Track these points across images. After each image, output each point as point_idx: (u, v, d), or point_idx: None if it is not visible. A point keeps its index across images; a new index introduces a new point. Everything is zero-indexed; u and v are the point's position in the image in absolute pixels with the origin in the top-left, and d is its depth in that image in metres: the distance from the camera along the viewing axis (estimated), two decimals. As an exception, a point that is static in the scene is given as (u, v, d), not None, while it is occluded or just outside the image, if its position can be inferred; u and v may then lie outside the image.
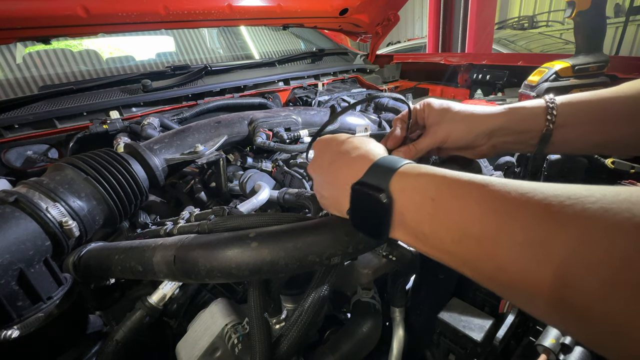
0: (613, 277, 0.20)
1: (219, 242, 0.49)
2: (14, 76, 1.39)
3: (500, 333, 0.54)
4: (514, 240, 0.25)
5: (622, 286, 0.20)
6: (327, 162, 0.46)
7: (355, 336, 0.66)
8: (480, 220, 0.27)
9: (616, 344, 0.21)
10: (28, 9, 1.06)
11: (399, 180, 0.35)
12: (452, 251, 0.30)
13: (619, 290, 0.20)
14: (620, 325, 0.20)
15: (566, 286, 0.22)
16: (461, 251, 0.29)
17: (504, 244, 0.25)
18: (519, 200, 0.26)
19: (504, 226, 0.26)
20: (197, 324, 0.65)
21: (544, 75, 1.17)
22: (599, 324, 0.21)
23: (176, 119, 1.24)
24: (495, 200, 0.27)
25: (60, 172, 0.65)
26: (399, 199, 0.34)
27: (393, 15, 1.86)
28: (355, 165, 0.40)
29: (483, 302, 0.66)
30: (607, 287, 0.20)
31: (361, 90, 1.71)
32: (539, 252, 0.23)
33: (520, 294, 0.26)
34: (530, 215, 0.25)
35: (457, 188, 0.30)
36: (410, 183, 0.34)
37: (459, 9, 3.91)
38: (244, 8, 1.48)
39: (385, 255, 0.72)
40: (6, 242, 0.51)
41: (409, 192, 0.34)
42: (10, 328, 0.50)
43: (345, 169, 0.42)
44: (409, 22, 9.04)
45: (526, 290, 0.25)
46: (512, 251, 0.25)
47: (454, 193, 0.30)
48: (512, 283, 0.25)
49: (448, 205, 0.30)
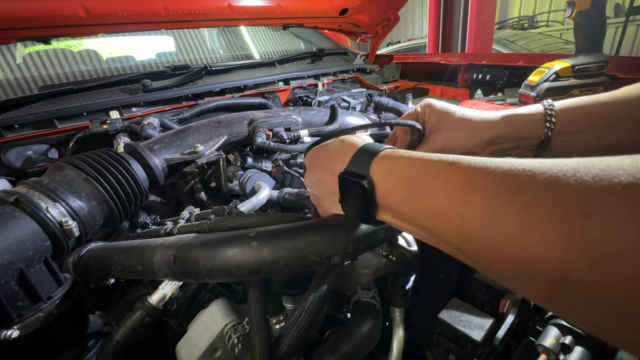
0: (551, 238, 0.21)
1: (219, 241, 0.49)
2: (14, 76, 1.39)
3: (500, 333, 0.54)
4: (478, 212, 0.26)
5: (560, 241, 0.21)
6: (318, 163, 0.48)
7: (355, 336, 0.66)
8: (448, 195, 0.29)
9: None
10: (28, 9, 1.06)
11: (379, 165, 0.37)
12: (428, 227, 0.31)
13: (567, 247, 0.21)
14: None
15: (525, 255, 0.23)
16: (434, 226, 0.30)
17: (468, 215, 0.27)
18: (482, 172, 0.27)
19: (468, 198, 0.27)
20: (197, 324, 0.65)
21: (544, 75, 1.17)
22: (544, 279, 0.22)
23: (176, 119, 1.24)
24: (461, 175, 0.29)
25: (60, 172, 0.65)
26: (380, 182, 0.36)
27: (393, 15, 1.86)
28: (343, 155, 0.42)
29: (483, 302, 0.66)
30: (549, 247, 0.21)
31: (361, 90, 1.71)
32: (499, 221, 0.24)
33: (486, 264, 0.27)
34: (490, 186, 0.26)
35: (428, 167, 0.32)
36: (389, 167, 0.36)
37: (459, 9, 3.91)
38: (244, 8, 1.48)
39: (385, 255, 0.72)
40: (6, 242, 0.51)
41: (389, 176, 0.36)
42: (10, 328, 0.50)
43: (334, 162, 0.44)
44: (409, 22, 9.04)
45: (492, 260, 0.25)
46: (476, 222, 0.26)
47: (425, 172, 0.32)
48: (479, 253, 0.27)
49: (421, 184, 0.32)
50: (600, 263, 0.19)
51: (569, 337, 0.49)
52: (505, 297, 0.61)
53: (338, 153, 0.44)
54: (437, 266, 0.72)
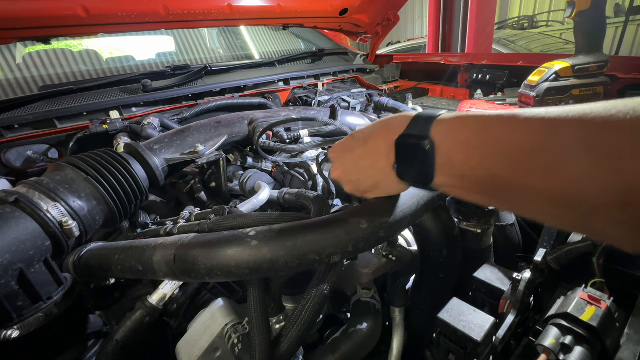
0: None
1: (219, 241, 0.49)
2: (14, 76, 1.39)
3: (500, 333, 0.54)
4: (564, 143, 0.27)
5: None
6: (358, 144, 0.47)
7: (355, 336, 0.66)
8: (531, 135, 0.29)
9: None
10: (28, 9, 1.06)
11: (441, 125, 0.37)
12: (501, 176, 0.31)
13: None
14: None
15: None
16: (512, 172, 0.30)
17: (554, 150, 0.27)
18: (562, 114, 0.28)
19: (554, 133, 0.27)
20: (197, 324, 0.65)
21: (544, 75, 1.17)
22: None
23: (176, 119, 1.24)
24: (539, 117, 0.29)
25: (60, 172, 0.65)
26: (445, 141, 0.36)
27: (393, 15, 1.86)
28: (396, 127, 0.41)
29: (483, 302, 0.66)
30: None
31: (361, 91, 1.71)
32: (585, 153, 0.25)
33: (571, 201, 0.27)
34: (571, 126, 0.27)
35: (501, 117, 0.32)
36: (453, 125, 0.36)
37: (459, 9, 3.90)
38: (244, 8, 1.48)
39: (385, 255, 0.72)
40: (6, 242, 0.51)
41: (453, 133, 0.35)
42: (10, 328, 0.50)
43: (386, 134, 0.43)
44: (409, 22, 9.04)
45: (579, 196, 0.26)
46: (565, 155, 0.26)
47: (499, 122, 0.32)
48: (564, 189, 0.27)
49: (495, 132, 0.32)
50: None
51: (569, 337, 0.49)
52: (505, 297, 0.61)
53: (389, 125, 0.43)
54: (437, 266, 0.72)
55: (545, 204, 0.29)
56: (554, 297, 0.61)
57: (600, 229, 0.27)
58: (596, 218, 0.26)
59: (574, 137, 0.26)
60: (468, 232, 0.78)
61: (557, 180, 0.27)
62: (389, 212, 0.51)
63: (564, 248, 0.70)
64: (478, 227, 0.77)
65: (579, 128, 0.26)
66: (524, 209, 0.32)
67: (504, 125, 0.31)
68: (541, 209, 0.30)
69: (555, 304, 0.56)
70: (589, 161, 0.25)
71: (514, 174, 0.30)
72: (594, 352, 0.48)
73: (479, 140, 0.33)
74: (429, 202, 0.59)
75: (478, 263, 0.69)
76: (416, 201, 0.56)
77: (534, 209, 0.30)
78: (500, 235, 0.90)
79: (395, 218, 0.51)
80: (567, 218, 0.29)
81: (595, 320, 0.50)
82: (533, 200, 0.30)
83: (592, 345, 0.49)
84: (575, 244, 0.70)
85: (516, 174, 0.30)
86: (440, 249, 0.71)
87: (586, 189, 0.25)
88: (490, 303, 0.64)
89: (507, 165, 0.30)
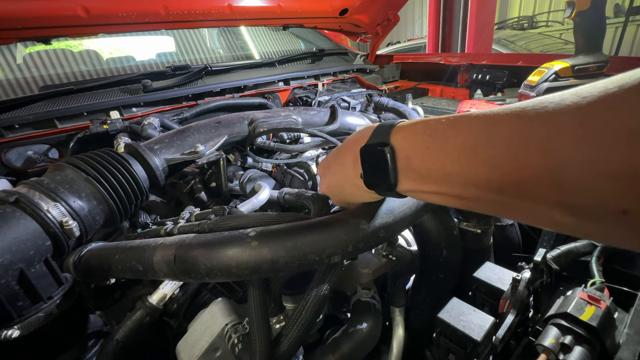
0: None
1: (219, 241, 0.50)
2: (14, 76, 1.39)
3: (500, 333, 0.54)
4: (501, 138, 0.29)
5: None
6: (334, 158, 0.51)
7: (355, 336, 0.66)
8: (473, 134, 0.31)
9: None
10: (28, 9, 1.06)
11: (399, 132, 0.39)
12: (453, 172, 0.33)
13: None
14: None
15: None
16: (461, 167, 0.32)
17: (496, 143, 0.29)
18: (501, 111, 0.31)
19: (493, 130, 0.30)
20: (197, 324, 0.65)
21: (543, 75, 1.17)
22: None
23: (176, 119, 1.24)
24: (482, 115, 0.32)
25: (60, 172, 0.65)
26: (402, 146, 0.38)
27: (393, 15, 1.86)
28: (361, 137, 0.44)
29: (483, 302, 0.66)
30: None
31: (361, 91, 1.71)
32: (526, 140, 0.27)
33: (513, 191, 0.29)
34: (510, 115, 0.29)
35: (449, 120, 0.35)
36: (409, 131, 0.39)
37: (459, 9, 3.91)
38: (244, 8, 1.48)
39: (385, 255, 0.72)
40: (6, 242, 0.51)
41: (410, 138, 0.38)
42: (11, 328, 0.51)
43: (354, 144, 0.45)
44: (409, 22, 9.04)
45: (520, 181, 0.28)
46: (502, 148, 0.29)
47: (447, 125, 0.35)
48: (505, 180, 0.29)
49: (444, 134, 0.34)
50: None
51: (569, 337, 0.49)
52: (505, 297, 0.61)
53: (356, 137, 0.46)
54: (437, 266, 0.72)
55: (495, 195, 0.31)
56: (554, 297, 0.61)
57: (544, 216, 0.28)
58: (539, 206, 0.28)
59: (510, 131, 0.28)
60: (468, 232, 0.78)
61: (498, 172, 0.29)
62: (389, 212, 0.51)
63: (563, 248, 0.70)
64: (478, 227, 0.77)
65: (514, 122, 0.28)
66: (479, 204, 0.33)
67: (451, 126, 0.34)
68: (491, 200, 0.31)
69: (555, 304, 0.56)
70: (524, 152, 0.27)
71: (464, 170, 0.32)
72: (594, 352, 0.48)
73: (431, 142, 0.35)
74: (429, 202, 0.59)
75: (478, 263, 0.69)
76: (416, 201, 0.56)
77: (486, 201, 0.32)
78: (500, 235, 0.90)
79: (395, 218, 0.52)
80: (511, 207, 0.31)
81: (595, 320, 0.50)
82: (485, 194, 0.31)
83: (592, 345, 0.49)
84: (575, 244, 0.70)
85: (466, 169, 0.32)
86: (440, 249, 0.71)
87: (524, 179, 0.27)
88: (490, 303, 0.64)
89: (457, 162, 0.32)
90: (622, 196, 0.22)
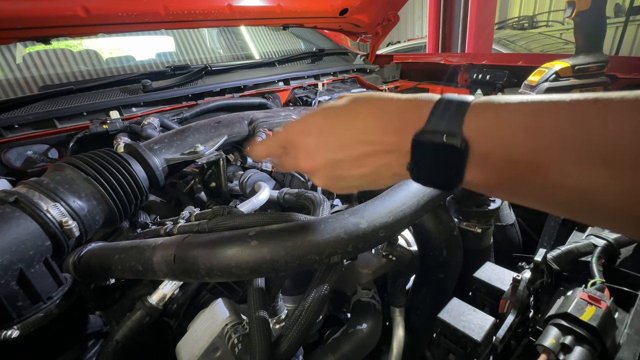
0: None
1: (218, 241, 0.50)
2: (14, 76, 1.39)
3: (500, 333, 0.54)
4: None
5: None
6: (345, 130, 0.38)
7: (355, 336, 0.66)
8: (581, 123, 0.26)
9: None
10: (28, 9, 1.06)
11: (476, 117, 0.30)
12: (546, 165, 0.27)
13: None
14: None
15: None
16: (561, 158, 0.27)
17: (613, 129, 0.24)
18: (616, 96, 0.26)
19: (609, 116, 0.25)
20: (197, 324, 0.65)
21: (544, 75, 1.17)
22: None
23: (176, 119, 1.24)
24: (591, 99, 0.26)
25: (60, 172, 0.65)
26: (480, 140, 0.30)
27: (393, 15, 1.86)
28: (409, 116, 0.34)
29: (483, 302, 0.66)
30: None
31: (361, 90, 1.71)
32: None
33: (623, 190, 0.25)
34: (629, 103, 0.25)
35: (547, 106, 0.28)
36: (492, 119, 0.30)
37: (459, 9, 3.90)
38: (244, 8, 1.48)
39: (385, 255, 0.72)
40: (6, 242, 0.51)
41: (494, 131, 0.30)
42: (10, 328, 0.50)
43: (393, 122, 0.35)
44: (409, 22, 9.04)
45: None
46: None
47: (549, 112, 0.28)
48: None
49: (552, 126, 0.27)
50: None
51: (569, 337, 0.49)
52: (505, 297, 0.61)
53: (400, 112, 0.35)
54: (437, 266, 0.72)
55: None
56: (554, 297, 0.61)
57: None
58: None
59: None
60: (468, 232, 0.78)
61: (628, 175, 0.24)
62: (389, 212, 0.51)
63: (564, 248, 0.70)
64: (478, 227, 0.77)
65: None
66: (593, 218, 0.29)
67: (554, 115, 0.27)
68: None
69: (555, 304, 0.56)
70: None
71: (566, 167, 0.26)
72: (594, 352, 0.48)
73: (529, 139, 0.28)
74: (429, 202, 0.59)
75: (478, 263, 0.69)
76: (416, 201, 0.56)
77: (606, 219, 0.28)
78: (500, 235, 0.90)
79: (395, 218, 0.51)
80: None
81: (595, 320, 0.50)
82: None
83: (592, 345, 0.49)
84: (576, 244, 0.70)
85: (571, 167, 0.26)
86: (440, 249, 0.71)
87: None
88: (490, 303, 0.64)
89: (558, 158, 0.27)
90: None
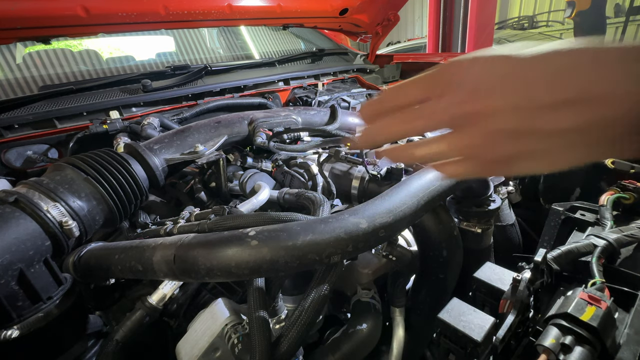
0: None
1: (218, 240, 0.49)
2: (14, 76, 1.39)
3: (500, 333, 0.54)
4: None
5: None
6: (542, 84, 0.27)
7: (355, 336, 0.66)
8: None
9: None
10: (28, 9, 1.06)
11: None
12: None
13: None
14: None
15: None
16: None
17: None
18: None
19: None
20: (197, 324, 0.65)
21: (544, 75, 1.17)
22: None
23: (176, 119, 1.24)
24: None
25: (60, 172, 0.65)
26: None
27: (393, 15, 1.86)
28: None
29: (483, 302, 0.66)
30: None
31: (361, 91, 1.71)
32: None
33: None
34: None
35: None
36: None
37: (459, 9, 3.91)
38: (244, 8, 1.48)
39: (385, 255, 0.72)
40: (6, 242, 0.51)
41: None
42: (10, 328, 0.50)
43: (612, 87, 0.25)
44: (409, 22, 9.04)
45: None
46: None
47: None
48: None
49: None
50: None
51: (569, 337, 0.49)
52: (505, 297, 0.61)
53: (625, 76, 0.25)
54: (437, 266, 0.72)
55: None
56: (554, 297, 0.61)
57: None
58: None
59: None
60: (468, 232, 0.78)
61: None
62: (389, 212, 0.51)
63: (564, 248, 0.70)
64: (478, 227, 0.77)
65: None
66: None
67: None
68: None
69: (555, 304, 0.56)
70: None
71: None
72: (594, 352, 0.48)
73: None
74: (429, 202, 0.59)
75: (478, 263, 0.69)
76: (416, 201, 0.56)
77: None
78: (500, 235, 0.90)
79: (395, 218, 0.52)
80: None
81: (596, 320, 0.50)
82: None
83: (593, 345, 0.49)
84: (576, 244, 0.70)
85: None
86: (440, 249, 0.71)
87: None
88: (490, 303, 0.64)
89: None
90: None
